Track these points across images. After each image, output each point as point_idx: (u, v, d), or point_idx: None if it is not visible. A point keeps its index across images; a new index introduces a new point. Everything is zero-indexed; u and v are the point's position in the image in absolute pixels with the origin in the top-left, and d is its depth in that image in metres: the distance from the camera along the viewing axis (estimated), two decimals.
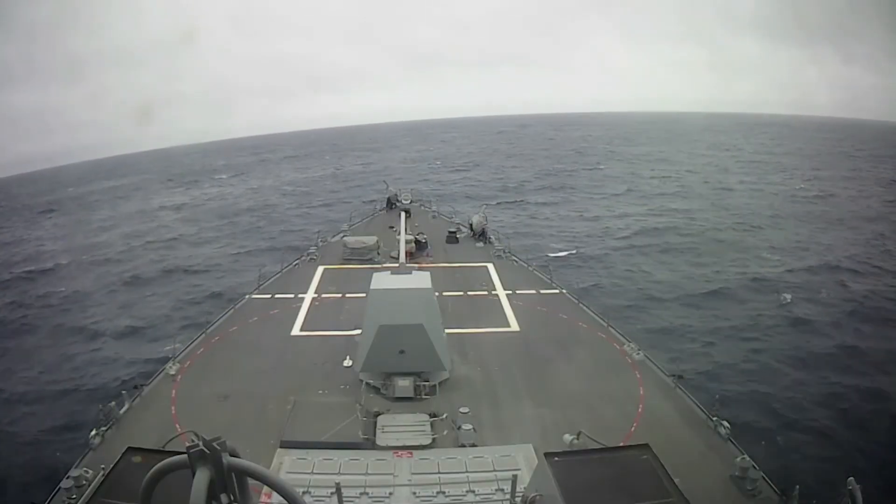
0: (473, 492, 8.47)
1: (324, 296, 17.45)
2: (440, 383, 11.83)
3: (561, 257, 34.59)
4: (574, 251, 36.43)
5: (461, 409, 10.40)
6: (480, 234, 23.53)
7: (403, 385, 11.39)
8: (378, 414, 10.76)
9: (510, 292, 17.51)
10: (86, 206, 70.89)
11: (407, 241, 18.45)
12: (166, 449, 4.88)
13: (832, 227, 42.28)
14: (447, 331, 13.00)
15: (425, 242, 21.96)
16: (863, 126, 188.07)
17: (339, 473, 8.67)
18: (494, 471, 8.87)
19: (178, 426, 10.32)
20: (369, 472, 8.89)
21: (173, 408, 11.18)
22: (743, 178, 66.40)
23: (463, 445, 9.75)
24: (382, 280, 12.23)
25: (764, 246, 36.65)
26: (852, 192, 57.37)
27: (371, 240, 21.26)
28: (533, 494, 6.05)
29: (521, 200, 55.58)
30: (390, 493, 8.46)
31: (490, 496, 8.37)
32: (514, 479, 7.53)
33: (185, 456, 3.18)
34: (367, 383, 11.85)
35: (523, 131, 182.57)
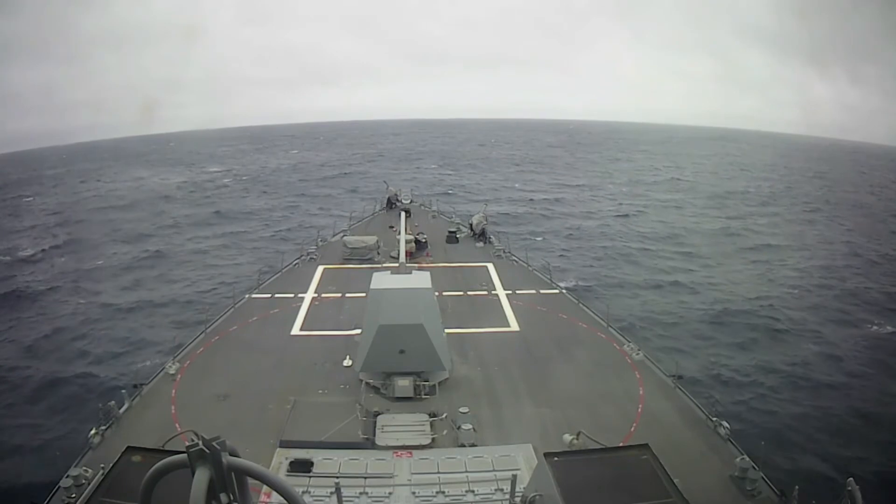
0: (473, 492, 8.46)
1: (324, 295, 17.45)
2: (440, 383, 11.84)
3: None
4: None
5: (461, 409, 10.40)
6: (480, 234, 23.54)
7: (403, 385, 11.40)
8: (378, 414, 10.76)
9: (510, 292, 17.52)
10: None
11: (407, 241, 18.46)
12: (166, 448, 4.87)
13: None
14: (447, 331, 13.00)
15: (425, 242, 21.98)
16: (867, 151, 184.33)
17: (338, 473, 8.67)
18: (494, 471, 8.86)
19: (177, 425, 10.33)
20: (369, 471, 8.90)
21: (173, 407, 11.18)
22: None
23: (462, 445, 9.75)
24: (382, 280, 12.24)
25: None
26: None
27: (371, 239, 21.28)
28: (532, 494, 6.05)
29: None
30: (390, 493, 8.46)
31: (490, 496, 8.37)
32: (514, 479, 7.53)
33: (185, 455, 3.18)
34: (367, 383, 11.85)
35: (527, 136, 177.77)
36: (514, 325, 15.26)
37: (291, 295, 17.39)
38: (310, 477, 8.66)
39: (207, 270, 34.65)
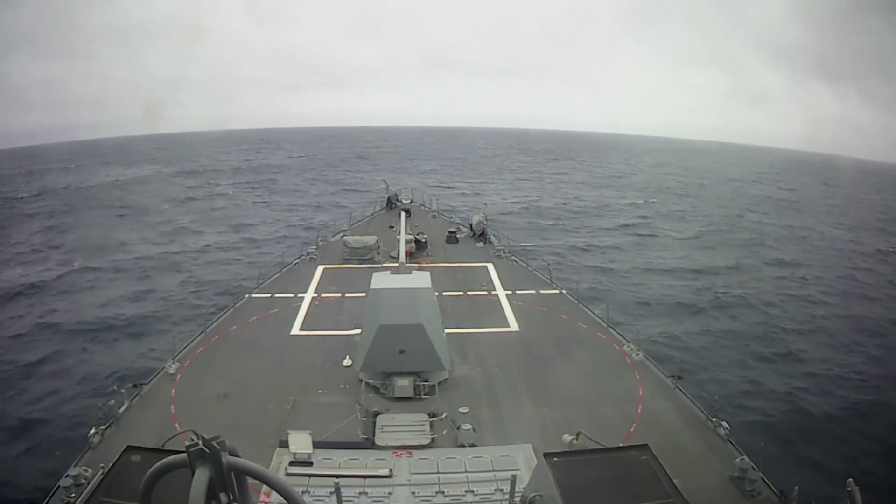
0: (473, 492, 8.47)
1: (324, 295, 17.46)
2: (440, 383, 11.84)
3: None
4: None
5: (460, 409, 10.42)
6: (480, 234, 23.55)
7: (403, 385, 11.40)
8: (377, 414, 10.76)
9: (510, 292, 17.52)
10: None
11: (407, 241, 18.47)
12: (166, 448, 4.88)
13: None
14: (447, 331, 13.01)
15: (425, 242, 21.98)
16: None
17: (338, 473, 8.67)
18: (493, 471, 8.87)
19: (177, 425, 10.33)
20: (369, 471, 8.89)
21: (173, 407, 11.18)
22: None
23: (462, 445, 9.76)
24: (382, 280, 12.24)
25: None
26: None
27: (371, 239, 21.29)
28: (532, 495, 6.06)
29: None
30: (389, 493, 8.46)
31: (489, 496, 8.37)
32: (514, 480, 7.53)
33: (185, 455, 3.17)
34: (367, 383, 11.85)
35: (551, 149, 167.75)
36: (513, 326, 15.26)
37: (291, 295, 17.39)
38: (310, 477, 8.66)
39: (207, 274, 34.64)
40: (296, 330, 15.07)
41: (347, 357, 12.97)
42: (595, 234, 46.15)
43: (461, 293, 17.56)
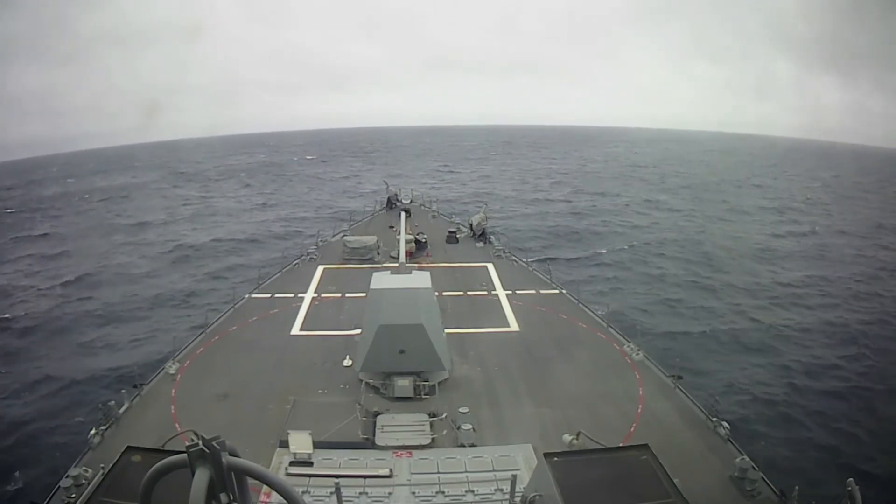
0: (473, 492, 8.47)
1: (323, 295, 17.46)
2: (440, 383, 11.84)
3: None
4: None
5: (461, 409, 10.42)
6: (480, 234, 23.54)
7: (403, 385, 11.40)
8: (377, 414, 10.76)
9: (510, 292, 17.52)
10: None
11: (407, 241, 18.46)
12: (166, 448, 4.89)
13: None
14: (447, 331, 13.01)
15: (425, 242, 21.98)
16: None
17: (338, 473, 8.67)
18: (494, 471, 8.87)
19: (177, 425, 10.33)
20: (369, 471, 8.89)
21: (173, 407, 11.18)
22: None
23: (462, 445, 9.76)
24: (382, 280, 12.24)
25: None
26: None
27: (371, 239, 21.28)
28: (532, 494, 6.06)
29: None
30: (390, 493, 8.46)
31: (489, 496, 8.37)
32: (514, 479, 7.54)
33: (185, 455, 3.18)
34: (367, 383, 11.86)
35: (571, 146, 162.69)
36: (514, 325, 15.26)
37: (291, 295, 17.39)
38: (310, 477, 8.66)
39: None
40: (296, 330, 15.07)
41: (347, 357, 12.97)
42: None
43: (461, 293, 17.55)
